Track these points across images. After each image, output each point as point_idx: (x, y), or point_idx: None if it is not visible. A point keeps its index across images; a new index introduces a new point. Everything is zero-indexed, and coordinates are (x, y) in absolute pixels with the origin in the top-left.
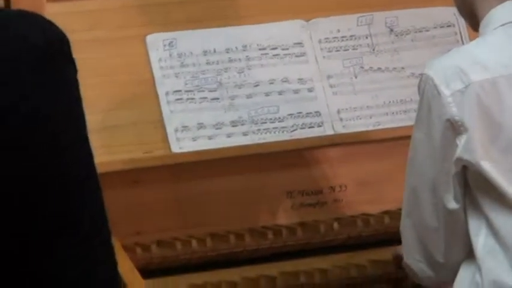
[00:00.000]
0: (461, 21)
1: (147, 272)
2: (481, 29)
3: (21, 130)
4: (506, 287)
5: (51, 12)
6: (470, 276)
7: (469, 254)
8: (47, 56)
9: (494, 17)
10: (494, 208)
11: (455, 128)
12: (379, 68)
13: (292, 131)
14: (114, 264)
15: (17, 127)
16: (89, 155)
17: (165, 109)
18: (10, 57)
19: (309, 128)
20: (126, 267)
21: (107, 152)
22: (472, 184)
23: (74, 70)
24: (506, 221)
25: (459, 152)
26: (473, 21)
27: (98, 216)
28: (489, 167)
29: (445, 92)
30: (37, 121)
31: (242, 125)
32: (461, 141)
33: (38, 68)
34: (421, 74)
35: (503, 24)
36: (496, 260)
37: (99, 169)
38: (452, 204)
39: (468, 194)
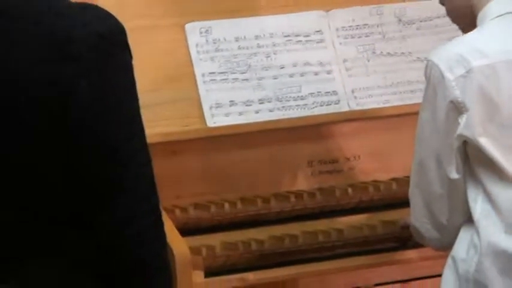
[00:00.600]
0: None
1: (185, 230)
2: (478, 20)
3: (82, 107)
4: (499, 247)
5: (104, 4)
6: (469, 238)
7: (469, 218)
8: (109, 42)
9: (491, 10)
10: (490, 178)
11: (457, 108)
12: (389, 53)
13: (312, 108)
14: (161, 224)
15: (79, 105)
16: (142, 129)
17: (202, 88)
18: (79, 40)
19: (327, 105)
20: (167, 226)
21: (149, 126)
22: (472, 157)
23: (130, 56)
24: (500, 190)
25: (460, 129)
26: (471, 19)
27: (149, 184)
28: (486, 143)
29: (449, 76)
30: (100, 94)
31: (269, 102)
32: (462, 119)
33: (101, 51)
34: (427, 61)
35: (499, 15)
36: (491, 223)
37: (149, 143)
38: (454, 175)
39: (468, 165)
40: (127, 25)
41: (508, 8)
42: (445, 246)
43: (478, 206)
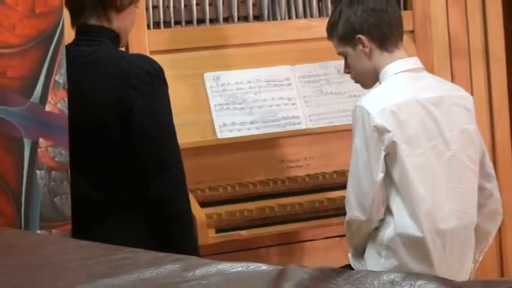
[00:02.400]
0: None
1: (202, 204)
2: (380, 77)
3: (139, 120)
4: (408, 231)
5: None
6: (392, 227)
7: (387, 207)
8: (154, 78)
9: (389, 70)
10: (400, 178)
11: (381, 132)
12: (331, 92)
13: (284, 127)
14: (187, 190)
15: (137, 119)
16: (175, 132)
17: (214, 114)
18: (135, 78)
19: (293, 125)
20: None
21: (181, 137)
22: (389, 164)
23: (167, 86)
24: (406, 187)
25: (384, 145)
26: (374, 78)
27: (181, 166)
28: (401, 151)
29: (372, 112)
30: (149, 112)
31: (256, 123)
32: (384, 138)
33: (150, 84)
34: (356, 106)
35: (394, 73)
36: (402, 214)
37: None
38: (379, 176)
39: (387, 170)
40: (168, 73)
41: (399, 69)
42: (369, 229)
43: (393, 198)
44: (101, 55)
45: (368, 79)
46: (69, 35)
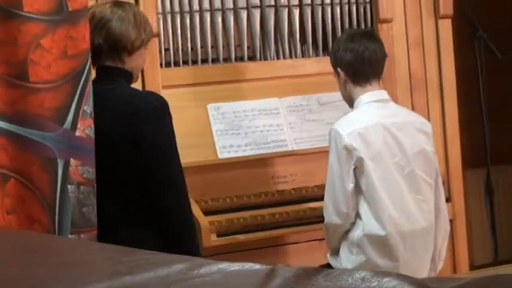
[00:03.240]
0: None
1: (206, 212)
2: (355, 105)
3: (148, 145)
4: (374, 231)
5: (162, 93)
6: (361, 228)
7: (357, 212)
8: (159, 111)
9: (362, 99)
10: (367, 188)
11: (349, 150)
12: (313, 120)
13: (273, 149)
14: (190, 205)
15: (146, 144)
16: (178, 158)
17: (215, 138)
18: (144, 111)
19: (280, 147)
20: (196, 210)
21: (186, 157)
22: (358, 176)
23: (171, 118)
24: (372, 195)
25: (353, 160)
26: (351, 103)
27: (184, 183)
28: (367, 166)
29: (343, 133)
30: (155, 138)
31: (250, 145)
32: (354, 155)
33: (156, 116)
34: (331, 129)
35: (366, 102)
36: (369, 217)
37: (186, 166)
38: (350, 186)
39: (356, 181)
40: (177, 104)
41: (369, 99)
42: (343, 231)
43: (361, 204)
44: (117, 92)
45: (347, 102)
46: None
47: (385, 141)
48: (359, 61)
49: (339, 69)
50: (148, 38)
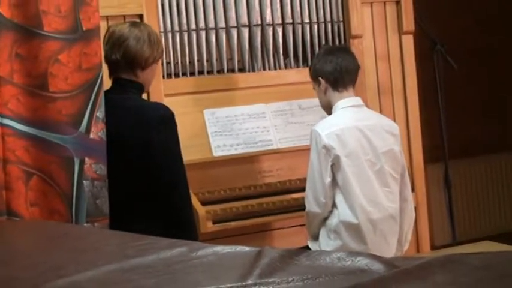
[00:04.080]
0: None
1: (203, 203)
2: (333, 110)
3: (156, 149)
4: (348, 219)
5: (165, 102)
6: (337, 217)
7: (334, 203)
8: (166, 120)
9: (339, 105)
10: (342, 182)
11: (328, 149)
12: (291, 122)
13: (260, 147)
14: (191, 201)
15: (155, 148)
16: (182, 161)
17: (211, 139)
18: (154, 119)
19: (267, 146)
20: (195, 201)
21: (187, 155)
22: (335, 171)
23: (176, 126)
24: (346, 188)
25: (331, 157)
26: (328, 110)
27: (186, 181)
28: (342, 162)
29: (322, 134)
30: (162, 144)
31: (240, 145)
32: (331, 153)
33: (164, 124)
34: (312, 130)
35: (343, 107)
36: (344, 207)
37: (186, 163)
38: (327, 180)
39: (333, 175)
40: (178, 110)
41: (346, 105)
42: (322, 218)
43: (337, 195)
44: (130, 102)
45: (326, 109)
46: (106, 83)
47: (359, 141)
48: (338, 70)
49: (320, 79)
50: (159, 55)
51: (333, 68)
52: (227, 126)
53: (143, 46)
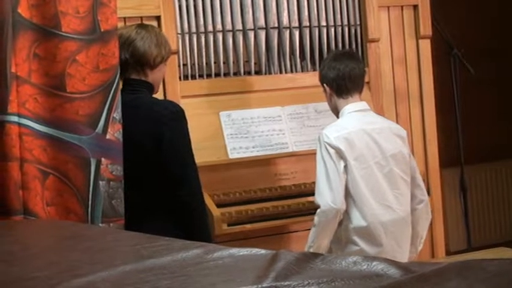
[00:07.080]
0: None
1: (218, 205)
2: (340, 114)
3: (167, 143)
4: (359, 223)
5: (180, 102)
6: (348, 220)
7: (345, 210)
8: (177, 116)
9: (347, 109)
10: (352, 185)
11: (338, 151)
12: (311, 126)
13: (276, 150)
14: (203, 197)
15: (166, 143)
16: (193, 155)
17: (227, 141)
18: (164, 116)
19: (282, 149)
20: (210, 203)
21: (200, 157)
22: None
23: (186, 122)
24: (356, 191)
25: (343, 160)
26: (336, 113)
27: (198, 179)
28: (351, 165)
29: (331, 137)
30: (173, 140)
31: (257, 147)
32: (342, 155)
33: (174, 119)
34: (321, 133)
35: (350, 112)
36: (354, 211)
37: (201, 165)
38: (341, 166)
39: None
40: (194, 112)
41: (352, 110)
42: (336, 222)
43: (348, 200)
44: (140, 101)
45: (334, 112)
46: None
47: (367, 144)
48: (340, 77)
49: (324, 85)
50: (167, 55)
51: (336, 75)
52: (243, 129)
53: (151, 46)
